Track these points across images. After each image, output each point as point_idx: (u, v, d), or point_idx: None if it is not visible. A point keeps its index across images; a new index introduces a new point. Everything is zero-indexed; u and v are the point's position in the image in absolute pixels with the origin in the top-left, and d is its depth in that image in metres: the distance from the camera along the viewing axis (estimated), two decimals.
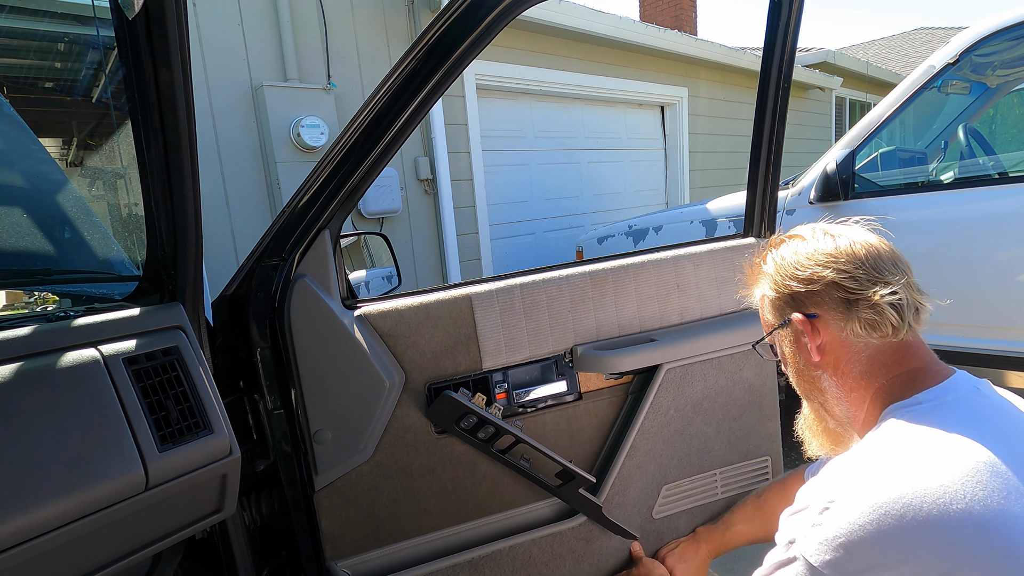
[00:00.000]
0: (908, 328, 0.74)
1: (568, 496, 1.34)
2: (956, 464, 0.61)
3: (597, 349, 1.34)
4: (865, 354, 0.76)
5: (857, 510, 0.61)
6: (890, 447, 0.67)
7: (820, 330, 0.78)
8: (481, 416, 1.22)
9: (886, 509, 0.60)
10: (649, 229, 3.17)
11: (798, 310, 0.80)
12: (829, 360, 0.79)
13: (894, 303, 0.73)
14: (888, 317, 0.73)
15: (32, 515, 0.72)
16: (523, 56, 4.56)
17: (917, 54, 13.67)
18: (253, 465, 1.23)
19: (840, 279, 0.76)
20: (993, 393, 0.73)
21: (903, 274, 0.76)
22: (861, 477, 0.64)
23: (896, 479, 0.62)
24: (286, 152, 3.32)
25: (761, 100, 1.36)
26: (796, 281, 0.80)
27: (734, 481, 1.52)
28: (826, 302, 0.77)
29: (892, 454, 0.65)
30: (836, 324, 0.77)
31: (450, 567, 1.29)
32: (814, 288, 0.78)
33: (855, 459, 0.68)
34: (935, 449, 0.63)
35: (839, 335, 0.77)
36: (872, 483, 0.63)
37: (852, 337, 0.76)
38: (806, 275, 0.79)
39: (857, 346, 0.77)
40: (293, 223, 1.13)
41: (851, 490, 0.63)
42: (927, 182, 2.61)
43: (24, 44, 1.48)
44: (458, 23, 1.01)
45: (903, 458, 0.64)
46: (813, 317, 0.79)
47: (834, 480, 0.67)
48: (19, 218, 1.11)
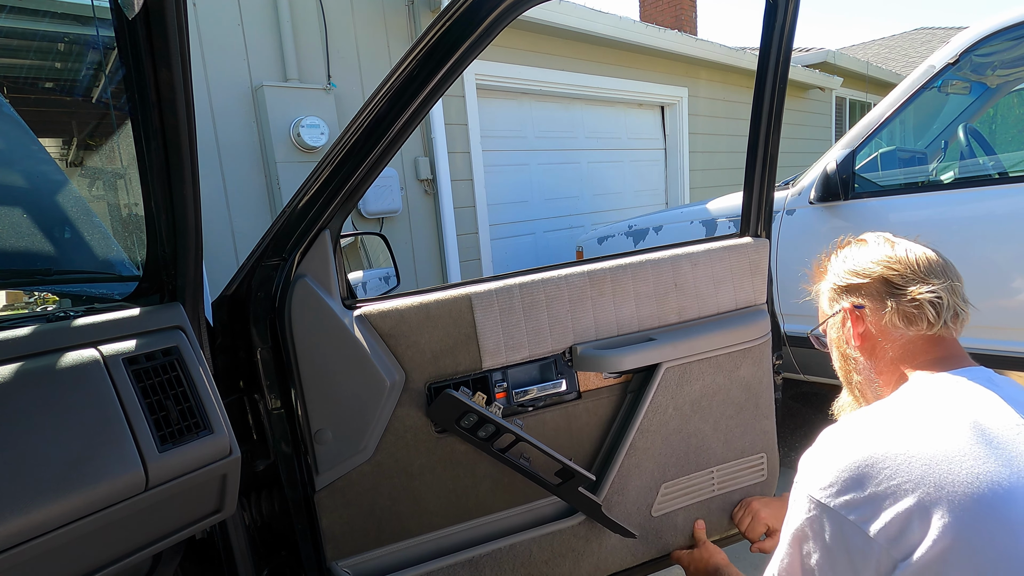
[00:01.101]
0: (943, 326, 0.83)
1: (568, 494, 1.34)
2: (947, 426, 0.70)
3: (596, 348, 1.34)
4: (900, 343, 0.86)
5: (852, 450, 0.71)
6: (895, 406, 0.78)
7: (863, 319, 0.89)
8: (481, 415, 1.22)
9: (874, 450, 0.70)
10: (649, 229, 3.17)
11: (849, 299, 0.91)
12: (868, 346, 0.90)
13: (933, 301, 0.83)
14: (926, 312, 0.83)
15: (32, 515, 0.72)
16: (523, 56, 4.56)
17: (917, 54, 13.67)
18: (253, 465, 1.23)
19: (889, 275, 0.86)
20: (1008, 384, 0.79)
21: (949, 280, 0.85)
22: (863, 427, 0.75)
23: (891, 431, 0.72)
24: (286, 152, 3.32)
25: (757, 101, 1.37)
26: (852, 274, 0.91)
27: (731, 478, 1.52)
28: (873, 294, 0.88)
29: (895, 412, 0.76)
30: (879, 314, 0.87)
31: (450, 566, 1.29)
32: (865, 281, 0.89)
33: (864, 412, 0.79)
34: (933, 412, 0.73)
35: (880, 324, 0.87)
36: (870, 432, 0.73)
37: (891, 327, 0.86)
38: (860, 269, 0.90)
39: (894, 335, 0.86)
40: (293, 223, 1.13)
41: (851, 436, 0.74)
42: (927, 182, 2.61)
43: (24, 44, 1.48)
44: (458, 24, 1.01)
45: (902, 416, 0.75)
46: (860, 308, 0.89)
47: (841, 428, 0.77)
48: (19, 218, 1.11)
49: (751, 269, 1.47)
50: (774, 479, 1.58)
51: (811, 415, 3.22)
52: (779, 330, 1.57)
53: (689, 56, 5.86)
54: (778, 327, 1.56)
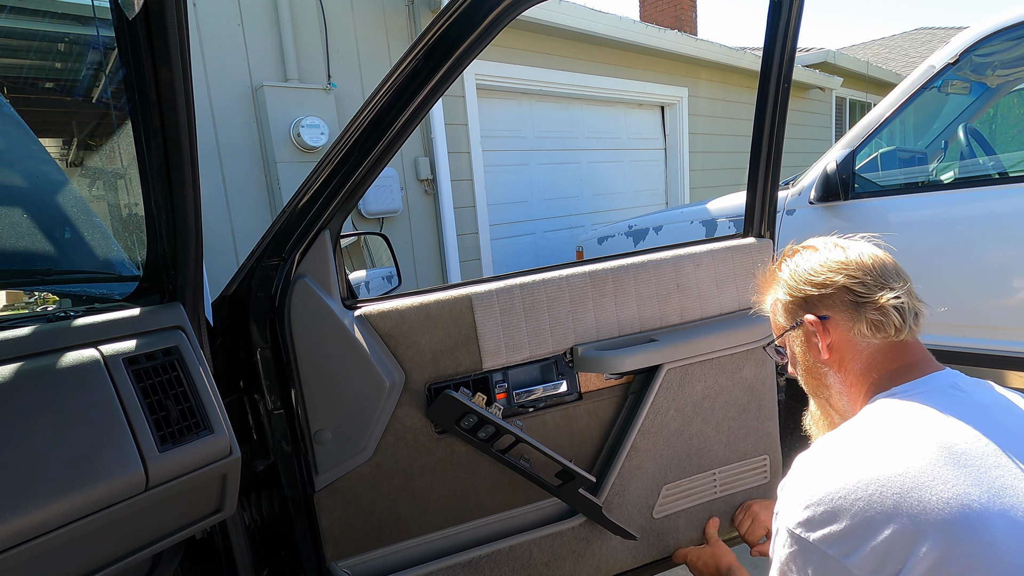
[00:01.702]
0: (909, 330, 0.82)
1: (568, 496, 1.34)
2: (915, 448, 0.70)
3: (597, 349, 1.34)
4: (866, 352, 0.84)
5: (824, 480, 0.71)
6: (863, 430, 0.77)
7: (830, 330, 0.86)
8: (481, 416, 1.22)
9: (846, 479, 0.69)
10: (649, 229, 3.17)
11: (810, 312, 0.88)
12: (836, 358, 0.87)
13: (898, 306, 0.81)
14: (892, 319, 0.81)
15: (32, 515, 0.72)
16: (523, 56, 4.56)
17: (917, 54, 13.67)
18: (253, 465, 1.23)
19: (851, 284, 0.84)
20: (977, 389, 0.79)
21: (905, 282, 0.84)
22: (833, 455, 0.74)
23: (861, 458, 0.72)
24: (286, 152, 3.32)
25: (761, 100, 1.36)
26: (810, 285, 0.87)
27: (733, 480, 1.52)
28: (837, 305, 0.85)
29: (863, 437, 0.75)
30: (844, 325, 0.85)
31: (450, 567, 1.29)
32: (827, 292, 0.86)
33: (833, 439, 0.78)
34: (900, 435, 0.73)
35: (847, 335, 0.85)
36: (841, 460, 0.73)
37: (858, 337, 0.84)
38: (820, 280, 0.86)
39: (861, 345, 0.84)
40: (293, 223, 1.13)
41: (823, 465, 0.74)
42: (927, 182, 2.60)
43: (24, 44, 1.48)
44: (458, 23, 1.01)
45: (871, 441, 0.74)
46: (824, 319, 0.87)
47: (812, 456, 0.76)
48: (19, 218, 1.11)
49: (754, 270, 1.47)
50: (777, 481, 1.58)
51: None
52: None
53: (689, 56, 5.86)
54: None
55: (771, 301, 0.97)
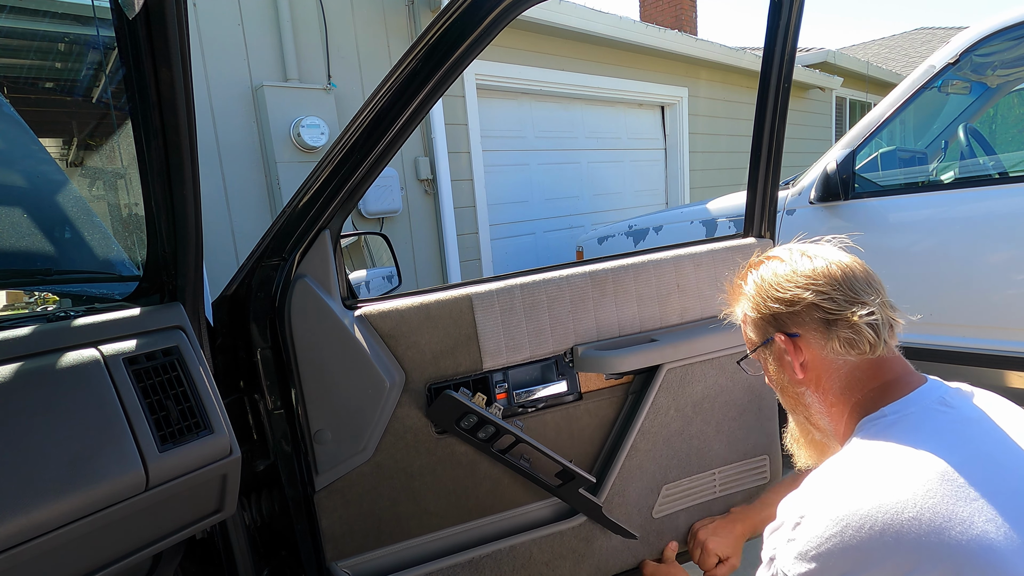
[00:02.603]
0: (884, 345, 0.78)
1: (568, 496, 1.34)
2: (908, 477, 0.66)
3: (597, 349, 1.34)
4: (844, 371, 0.80)
5: (823, 524, 0.66)
6: (852, 463, 0.72)
7: (802, 348, 0.82)
8: (481, 416, 1.22)
9: (847, 522, 0.64)
10: (649, 229, 3.17)
11: (780, 330, 0.83)
12: (811, 377, 0.83)
13: (871, 323, 0.77)
14: (866, 336, 0.77)
15: (32, 515, 0.72)
16: (523, 56, 4.56)
17: (917, 54, 13.67)
18: (253, 465, 1.23)
19: (819, 300, 0.79)
20: (961, 401, 0.76)
21: (877, 293, 0.79)
22: (827, 492, 0.69)
23: (855, 494, 0.67)
24: (286, 152, 3.32)
25: (761, 100, 1.36)
26: (777, 302, 0.83)
27: (733, 480, 1.52)
28: (807, 322, 0.81)
29: (853, 470, 0.70)
30: (817, 343, 0.81)
31: (450, 567, 1.29)
32: (795, 309, 0.81)
33: (823, 474, 0.72)
34: (890, 464, 0.68)
35: (820, 353, 0.81)
36: (835, 498, 0.68)
37: (832, 355, 0.80)
38: (787, 296, 0.82)
39: (836, 363, 0.80)
40: (293, 223, 1.13)
41: (818, 505, 0.68)
42: (927, 182, 2.61)
43: (24, 44, 1.48)
44: (458, 23, 1.01)
45: (862, 474, 0.69)
46: (795, 336, 0.82)
47: (805, 496, 0.71)
48: (19, 218, 1.11)
49: None
50: (776, 481, 1.58)
51: None
52: None
53: (689, 56, 5.86)
54: None
55: (740, 313, 0.92)
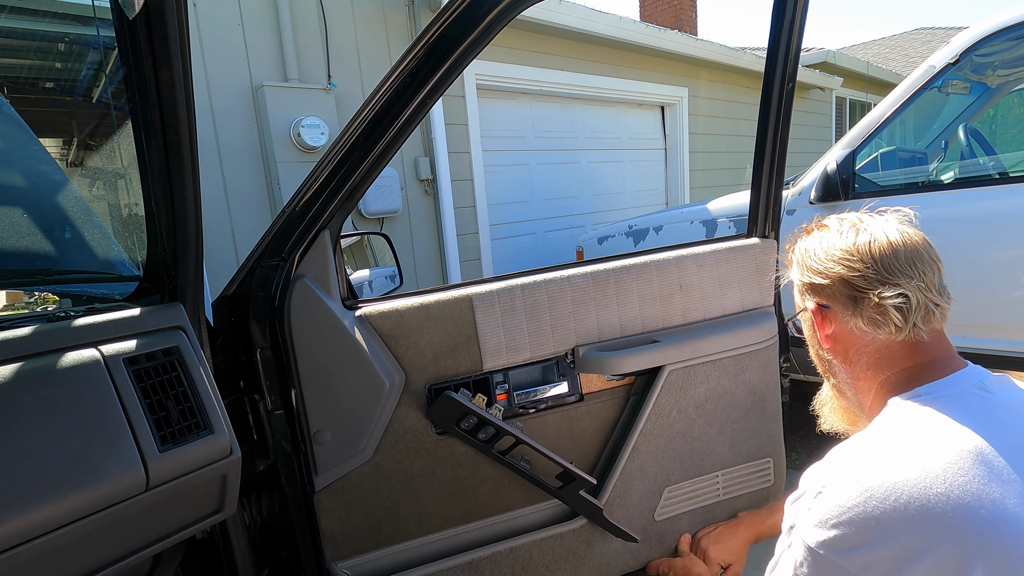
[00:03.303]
0: (913, 328, 0.75)
1: (569, 498, 1.34)
2: (940, 452, 0.65)
3: (599, 350, 1.33)
4: (872, 347, 0.79)
5: (846, 493, 0.65)
6: (882, 436, 0.71)
7: (830, 320, 0.83)
8: (481, 417, 1.22)
9: (871, 492, 0.64)
10: (649, 229, 3.17)
11: (814, 298, 0.85)
12: (839, 348, 0.83)
13: (898, 305, 0.75)
14: (892, 318, 0.75)
15: (32, 515, 0.72)
16: (523, 56, 4.56)
17: (917, 54, 13.67)
18: (253, 465, 1.22)
19: (850, 276, 0.78)
20: (1002, 389, 0.74)
21: (919, 276, 0.76)
22: (852, 464, 0.68)
23: (883, 466, 0.66)
24: (286, 152, 3.32)
25: (765, 99, 1.36)
26: (812, 272, 0.84)
27: (736, 483, 1.51)
28: (836, 296, 0.81)
29: (883, 443, 0.70)
30: (843, 318, 0.80)
31: (450, 568, 1.28)
32: (826, 282, 0.81)
33: (850, 447, 0.72)
34: (922, 438, 0.67)
35: (846, 328, 0.81)
36: (861, 469, 0.67)
37: (858, 331, 0.79)
38: (820, 268, 0.82)
39: (864, 340, 0.79)
40: (293, 223, 1.13)
41: (842, 475, 0.68)
42: (927, 182, 2.61)
43: (24, 44, 1.48)
44: (458, 23, 1.01)
45: (892, 447, 0.68)
46: (826, 308, 0.83)
47: (829, 466, 0.71)
48: (19, 218, 1.11)
49: (758, 270, 1.46)
50: (781, 484, 1.57)
51: (814, 416, 3.21)
52: (787, 332, 1.55)
53: (689, 56, 5.86)
54: (785, 329, 1.54)
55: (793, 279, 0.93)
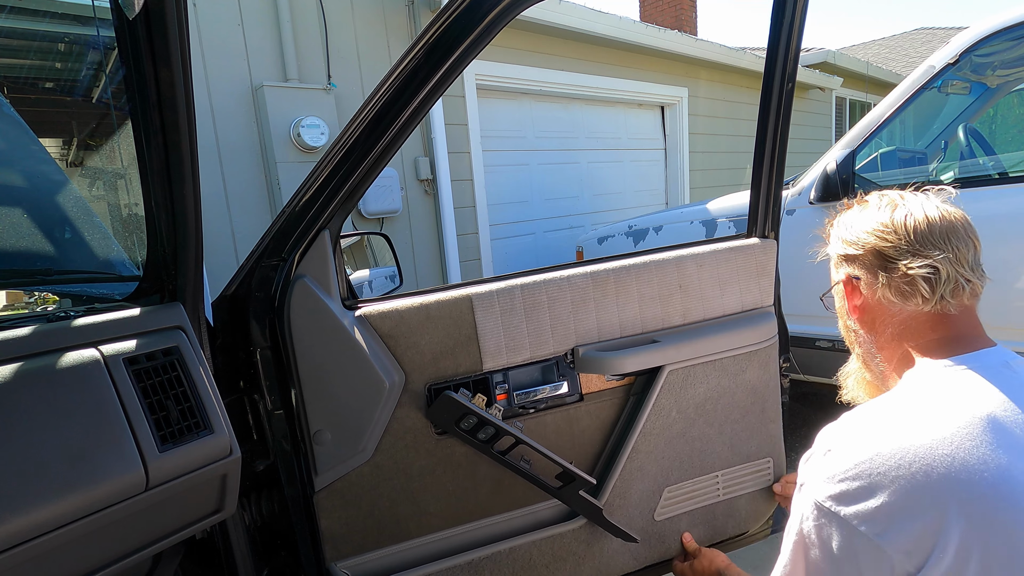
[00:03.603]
0: (941, 300, 0.77)
1: (568, 498, 1.34)
2: (951, 417, 0.67)
3: (599, 350, 1.33)
4: (899, 318, 0.82)
5: (854, 451, 0.68)
6: (896, 401, 0.73)
7: (860, 291, 0.85)
8: (481, 417, 1.22)
9: (878, 451, 0.66)
10: (649, 229, 3.17)
11: (847, 269, 0.87)
12: (866, 319, 0.86)
13: (926, 276, 0.77)
14: (919, 288, 0.77)
15: (32, 515, 0.72)
16: (523, 56, 4.56)
17: (917, 54, 13.67)
18: (253, 465, 1.22)
19: (881, 247, 0.81)
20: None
21: (952, 250, 0.77)
22: (864, 424, 0.72)
23: (893, 428, 0.68)
24: (286, 152, 3.32)
25: (765, 99, 1.35)
26: (847, 244, 0.86)
27: (736, 483, 1.51)
28: (867, 266, 0.83)
29: (896, 407, 0.72)
30: (873, 288, 0.83)
31: (450, 568, 1.28)
32: (859, 252, 0.84)
33: (864, 410, 0.75)
34: (936, 404, 0.70)
35: (874, 298, 0.83)
36: (871, 430, 0.70)
37: (886, 302, 0.82)
38: (853, 239, 0.85)
39: (892, 310, 0.82)
40: (293, 223, 1.13)
41: (852, 435, 0.71)
42: (927, 182, 2.60)
43: (24, 44, 1.48)
44: (458, 23, 1.01)
45: (905, 411, 0.71)
46: (856, 279, 0.86)
47: (841, 427, 0.73)
48: (19, 218, 1.11)
49: (758, 270, 1.46)
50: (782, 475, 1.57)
51: (813, 416, 3.22)
52: (787, 332, 1.55)
53: (689, 56, 5.86)
54: (785, 329, 1.54)
55: (828, 251, 0.96)
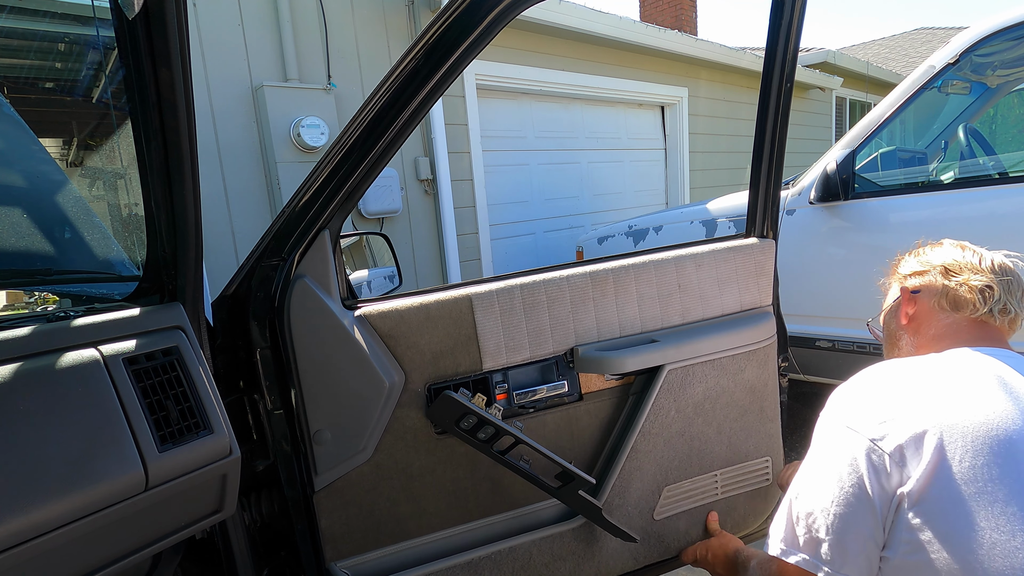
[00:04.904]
0: (988, 313, 0.91)
1: (568, 497, 1.34)
2: (969, 375, 0.80)
3: (598, 350, 1.33)
4: (944, 323, 0.95)
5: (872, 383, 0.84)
6: (922, 359, 0.88)
7: (915, 302, 0.99)
8: (481, 416, 1.22)
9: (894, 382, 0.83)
10: (649, 229, 3.17)
11: (909, 284, 1.01)
12: (913, 326, 1.00)
13: (982, 288, 0.91)
14: (974, 298, 0.91)
15: (32, 515, 0.72)
16: (523, 56, 4.56)
17: (917, 54, 13.67)
18: (253, 465, 1.23)
19: (949, 264, 0.97)
20: None
21: (1007, 282, 0.92)
22: (884, 367, 0.87)
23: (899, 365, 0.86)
24: (286, 152, 3.32)
25: (764, 99, 1.36)
26: (919, 264, 1.02)
27: (734, 482, 1.52)
28: (929, 282, 0.98)
29: (916, 361, 0.88)
30: (930, 297, 0.97)
31: (450, 568, 1.28)
32: (927, 270, 0.99)
33: (895, 363, 0.89)
34: (956, 366, 0.83)
35: (929, 305, 0.97)
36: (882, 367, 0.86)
37: (938, 310, 0.96)
38: (925, 259, 1.01)
39: (940, 316, 0.96)
40: (293, 223, 1.13)
41: (871, 373, 0.87)
42: (927, 182, 2.60)
43: (24, 44, 1.48)
44: (458, 23, 1.01)
45: (924, 363, 0.86)
46: (916, 293, 1.00)
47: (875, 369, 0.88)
48: (19, 218, 1.11)
49: (756, 270, 1.46)
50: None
51: (812, 416, 3.22)
52: (785, 332, 1.55)
53: (689, 56, 5.85)
54: (784, 329, 1.55)
55: (885, 284, 1.12)
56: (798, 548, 0.82)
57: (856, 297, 2.37)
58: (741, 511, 1.54)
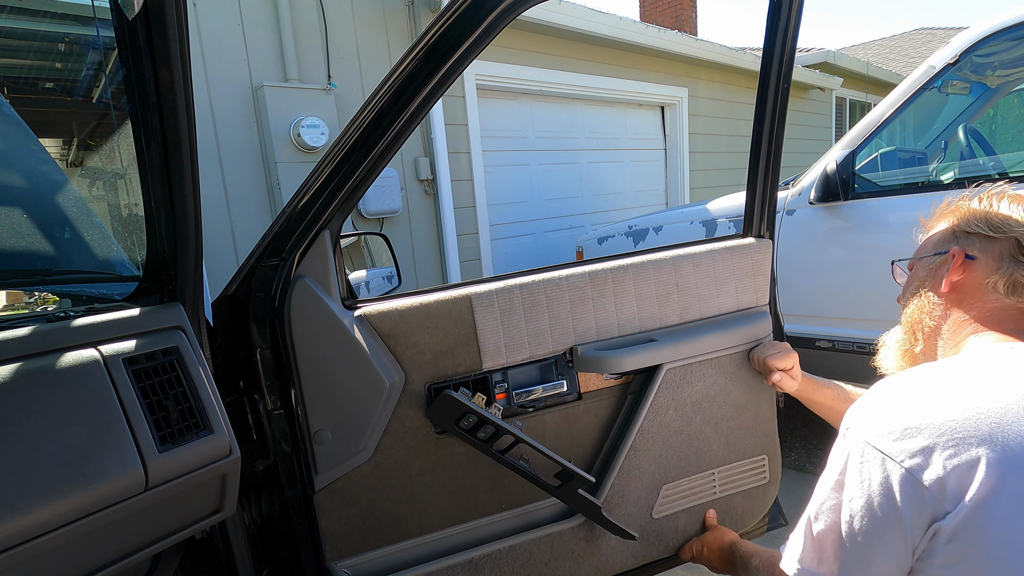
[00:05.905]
0: None
1: (567, 496, 1.34)
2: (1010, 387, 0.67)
3: (597, 349, 1.34)
4: (990, 305, 0.81)
5: (905, 397, 0.70)
6: (954, 363, 0.76)
7: (966, 271, 0.83)
8: (481, 416, 1.22)
9: (918, 386, 0.70)
10: (649, 229, 3.17)
11: (963, 246, 0.85)
12: (954, 297, 0.84)
13: None
14: None
15: (32, 515, 0.72)
16: (523, 56, 4.56)
17: (917, 54, 13.67)
18: (253, 465, 1.23)
19: (1022, 238, 0.80)
20: None
21: None
22: (918, 377, 0.73)
23: (936, 372, 0.72)
24: (286, 152, 3.32)
25: (761, 100, 1.36)
26: (986, 225, 0.83)
27: (732, 480, 1.52)
28: (993, 252, 0.82)
29: (954, 367, 0.74)
30: (984, 272, 0.82)
31: (450, 567, 1.29)
32: (995, 236, 0.82)
33: (920, 368, 0.77)
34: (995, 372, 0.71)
35: (980, 282, 0.82)
36: (915, 375, 0.73)
37: (989, 289, 0.81)
38: (999, 222, 0.82)
39: (986, 297, 0.81)
40: (293, 223, 1.13)
41: (904, 384, 0.73)
42: (927, 182, 2.60)
43: (24, 44, 1.48)
44: (458, 23, 1.01)
45: (962, 370, 0.73)
46: (970, 259, 0.83)
47: (895, 379, 0.75)
48: (19, 218, 1.11)
49: (754, 270, 1.47)
50: (776, 481, 1.58)
51: (811, 415, 3.22)
52: (782, 331, 1.56)
53: (689, 56, 5.86)
54: (781, 328, 1.55)
55: (936, 226, 0.93)
56: (816, 569, 0.77)
57: (856, 297, 2.37)
58: (739, 509, 1.55)
